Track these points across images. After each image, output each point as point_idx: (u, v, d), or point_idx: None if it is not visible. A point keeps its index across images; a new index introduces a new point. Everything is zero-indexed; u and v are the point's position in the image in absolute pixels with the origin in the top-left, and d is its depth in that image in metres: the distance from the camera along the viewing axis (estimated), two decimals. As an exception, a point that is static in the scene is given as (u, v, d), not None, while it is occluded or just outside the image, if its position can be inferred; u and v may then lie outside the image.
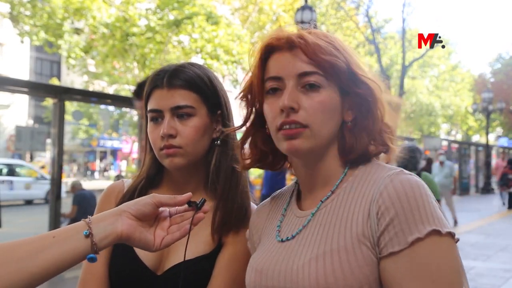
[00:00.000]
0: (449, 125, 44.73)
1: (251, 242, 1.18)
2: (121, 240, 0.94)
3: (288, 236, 1.01)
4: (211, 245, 1.24)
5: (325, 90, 0.96)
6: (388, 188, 0.89)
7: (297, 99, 0.95)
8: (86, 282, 1.24)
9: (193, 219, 1.00)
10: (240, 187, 1.30)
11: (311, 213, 1.00)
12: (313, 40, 0.96)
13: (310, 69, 0.95)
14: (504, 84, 36.84)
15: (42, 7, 14.51)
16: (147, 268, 1.21)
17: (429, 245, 0.84)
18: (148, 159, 1.34)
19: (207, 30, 15.45)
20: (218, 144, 1.30)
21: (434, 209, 0.87)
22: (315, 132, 0.96)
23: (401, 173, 0.92)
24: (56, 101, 7.43)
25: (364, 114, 0.99)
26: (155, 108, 1.25)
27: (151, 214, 0.97)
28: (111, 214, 0.95)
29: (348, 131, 1.00)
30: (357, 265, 0.87)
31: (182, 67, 1.27)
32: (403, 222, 0.85)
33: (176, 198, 0.99)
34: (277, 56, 1.00)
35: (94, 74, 21.56)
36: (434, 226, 0.85)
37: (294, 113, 0.95)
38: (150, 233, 0.97)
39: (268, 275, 0.98)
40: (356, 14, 25.22)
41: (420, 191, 0.88)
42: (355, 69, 0.97)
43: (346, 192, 0.98)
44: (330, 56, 0.95)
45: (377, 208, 0.89)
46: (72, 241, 0.90)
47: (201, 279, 1.21)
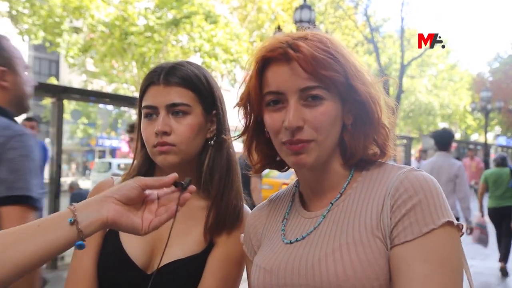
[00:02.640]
0: (447, 124, 44.75)
1: (248, 246, 1.17)
2: (107, 225, 0.93)
3: (297, 237, 1.02)
4: (202, 245, 1.24)
5: (327, 101, 0.97)
6: (404, 182, 0.92)
7: (301, 114, 0.96)
8: (74, 280, 1.23)
9: (180, 199, 1.00)
10: (234, 188, 1.30)
11: (322, 215, 1.01)
12: (310, 52, 0.95)
13: (311, 84, 0.96)
14: (502, 83, 36.85)
15: (41, 6, 14.47)
16: (137, 267, 1.20)
17: (442, 234, 0.88)
18: (139, 155, 1.33)
19: (206, 29, 15.43)
20: (212, 144, 1.29)
21: (446, 202, 0.92)
22: (320, 143, 0.98)
23: (413, 170, 0.96)
24: (55, 100, 7.41)
25: (363, 117, 1.01)
26: (150, 104, 1.24)
27: (137, 197, 0.96)
28: (96, 201, 0.93)
29: (348, 134, 1.02)
30: (373, 257, 0.89)
31: (179, 65, 1.26)
32: (419, 214, 0.88)
33: (161, 180, 0.98)
34: (275, 69, 0.98)
35: (93, 73, 21.51)
36: (448, 218, 0.89)
37: (299, 131, 0.96)
38: (137, 217, 0.96)
39: (279, 274, 0.98)
40: (355, 13, 25.20)
41: (434, 185, 0.92)
42: (353, 79, 0.98)
43: (358, 191, 1.00)
44: (329, 71, 0.95)
45: (392, 202, 0.92)
46: (57, 229, 0.89)
47: (191, 279, 1.20)
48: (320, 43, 0.98)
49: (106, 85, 22.92)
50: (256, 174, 1.17)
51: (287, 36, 1.00)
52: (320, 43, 0.98)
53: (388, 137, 1.04)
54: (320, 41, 0.98)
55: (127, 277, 1.19)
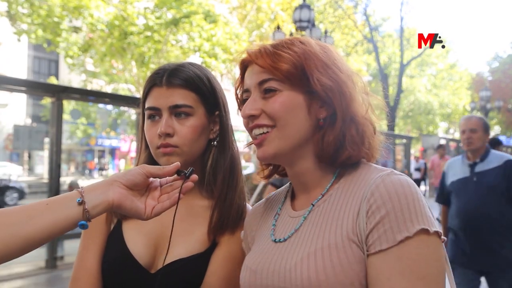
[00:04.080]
0: (447, 123, 44.78)
1: (245, 243, 1.20)
2: (113, 208, 0.97)
3: (281, 238, 1.04)
4: (206, 244, 1.25)
5: (282, 92, 1.01)
6: (380, 187, 0.91)
7: (257, 105, 1.03)
8: (78, 279, 1.24)
9: (182, 188, 1.02)
10: (238, 188, 1.31)
11: (303, 216, 1.03)
12: (264, 49, 1.04)
13: (265, 77, 1.02)
14: (502, 83, 36.88)
15: (40, 5, 14.46)
16: (140, 265, 1.21)
17: (418, 243, 0.86)
18: (143, 157, 1.33)
19: (205, 28, 15.43)
20: (215, 145, 1.30)
21: (424, 208, 0.89)
22: (279, 130, 1.01)
23: (392, 174, 0.94)
24: (54, 100, 7.41)
25: (336, 113, 1.01)
26: (153, 106, 1.25)
27: (142, 184, 1.01)
28: (102, 184, 0.98)
29: (321, 129, 1.03)
30: (347, 262, 0.89)
31: (181, 67, 1.27)
32: (393, 221, 0.87)
33: (164, 169, 1.02)
34: (248, 70, 1.08)
35: (92, 73, 21.52)
36: (422, 225, 0.86)
37: (255, 118, 1.03)
38: (141, 202, 1.01)
39: (263, 275, 1.00)
40: (354, 12, 25.22)
41: (411, 190, 0.90)
42: (313, 72, 1.00)
43: (338, 192, 1.01)
44: (281, 63, 1.01)
45: (367, 207, 0.91)
46: (65, 208, 0.93)
47: (194, 278, 1.21)
48: (283, 42, 1.05)
49: (106, 84, 22.93)
50: (265, 180, 1.20)
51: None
52: (283, 42, 1.05)
53: (364, 136, 1.03)
54: (285, 41, 1.06)
55: (131, 276, 1.20)
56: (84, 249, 1.25)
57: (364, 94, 1.06)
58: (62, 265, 7.08)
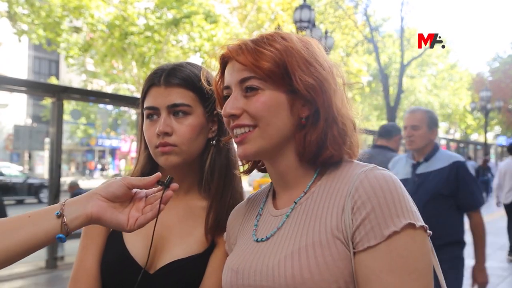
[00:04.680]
0: (447, 123, 44.76)
1: (228, 244, 1.19)
2: (92, 220, 0.97)
3: (262, 237, 1.03)
4: (204, 245, 1.25)
5: (264, 91, 0.99)
6: (364, 183, 0.91)
7: (238, 104, 1.01)
8: (77, 280, 1.24)
9: (162, 197, 1.02)
10: (233, 187, 1.31)
11: (286, 215, 1.02)
12: (245, 46, 1.01)
13: (246, 75, 1.00)
14: (502, 83, 36.88)
15: (40, 6, 14.46)
16: (139, 266, 1.21)
17: (405, 238, 0.86)
18: (142, 157, 1.33)
19: (206, 29, 15.44)
20: (214, 144, 1.30)
21: (408, 202, 0.89)
22: (261, 130, 0.99)
23: (375, 169, 0.94)
24: (55, 100, 7.41)
25: (318, 111, 1.00)
26: (152, 106, 1.25)
27: (123, 195, 1.01)
28: (83, 197, 0.99)
29: (302, 128, 1.01)
30: (332, 259, 0.88)
31: (180, 66, 1.27)
32: (379, 216, 0.87)
33: (145, 179, 1.02)
34: (228, 66, 1.05)
35: (93, 73, 21.53)
36: (409, 220, 0.87)
37: (237, 118, 1.01)
38: (123, 214, 1.00)
39: (244, 275, 0.99)
40: (355, 12, 25.21)
41: (395, 185, 0.90)
42: (295, 70, 0.98)
43: (321, 190, 1.00)
44: (262, 61, 0.98)
45: (352, 203, 0.90)
46: (45, 220, 0.94)
47: (193, 279, 1.21)
48: (263, 38, 1.02)
49: (106, 85, 22.93)
50: (245, 175, 1.19)
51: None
52: (263, 38, 1.02)
53: (345, 135, 1.02)
54: (266, 37, 1.03)
55: (130, 277, 1.20)
56: (84, 250, 1.25)
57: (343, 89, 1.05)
58: (62, 265, 7.08)
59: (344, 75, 1.07)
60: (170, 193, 1.03)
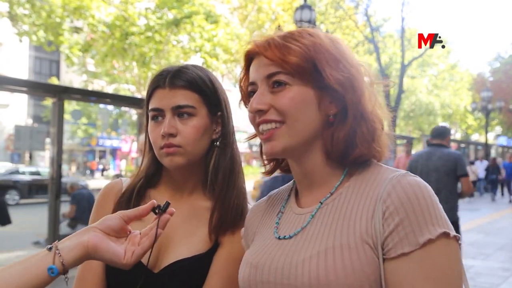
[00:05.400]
0: (448, 124, 44.74)
1: (245, 240, 1.18)
2: (88, 251, 0.97)
3: (285, 235, 1.01)
4: (208, 244, 1.26)
5: (292, 87, 0.97)
6: (397, 188, 0.88)
7: (265, 100, 0.98)
8: (83, 279, 1.25)
9: (160, 222, 1.03)
10: (237, 188, 1.31)
11: (311, 214, 1.00)
12: (273, 41, 0.99)
13: (274, 70, 0.98)
14: (503, 83, 36.85)
15: (41, 6, 14.47)
16: (143, 265, 1.21)
17: (440, 247, 0.85)
18: (147, 158, 1.34)
19: (206, 29, 15.44)
20: (218, 145, 1.31)
21: (441, 211, 0.88)
22: (289, 127, 0.97)
23: (408, 175, 0.92)
24: (55, 100, 7.42)
25: (346, 109, 0.98)
26: (157, 107, 1.26)
27: (119, 228, 1.01)
28: (79, 232, 0.99)
29: (330, 126, 1.00)
30: (359, 264, 0.86)
31: (184, 68, 1.29)
32: (414, 223, 0.85)
33: (139, 209, 1.02)
34: (254, 62, 1.04)
35: (93, 73, 21.55)
36: (444, 229, 0.85)
37: (263, 113, 0.99)
38: (120, 248, 1.00)
39: (264, 270, 0.97)
40: (355, 13, 25.20)
41: (429, 193, 0.88)
42: (324, 66, 0.97)
43: (349, 191, 0.97)
44: (290, 56, 0.97)
45: (384, 208, 0.88)
46: (37, 258, 0.94)
47: (197, 278, 1.22)
48: (291, 34, 1.01)
49: (107, 85, 22.95)
50: (266, 175, 1.18)
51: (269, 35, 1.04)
52: (291, 34, 1.01)
53: (374, 133, 0.99)
54: (293, 33, 1.01)
55: (134, 276, 1.20)
56: None
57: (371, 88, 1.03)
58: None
59: (372, 74, 1.05)
60: (167, 217, 1.04)
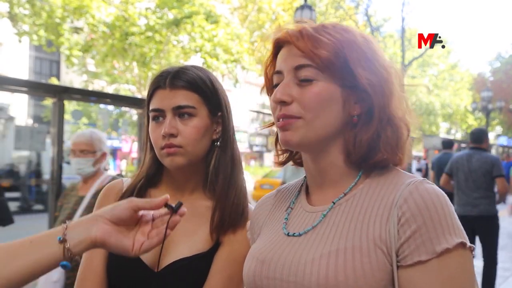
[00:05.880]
0: (448, 124, 44.75)
1: (251, 233, 1.17)
2: (96, 245, 0.95)
3: (295, 232, 0.99)
4: (209, 244, 1.26)
5: (319, 82, 0.94)
6: (414, 194, 0.87)
7: (290, 91, 0.95)
8: (84, 279, 1.26)
9: (169, 223, 1.01)
10: (237, 187, 1.32)
11: (323, 214, 0.97)
12: (306, 32, 0.96)
13: (303, 62, 0.95)
14: (503, 83, 36.83)
15: (41, 6, 14.48)
16: (145, 264, 1.22)
17: (457, 258, 0.84)
18: (148, 158, 1.35)
19: (207, 29, 15.44)
20: (218, 145, 1.31)
21: (458, 220, 0.87)
22: (308, 122, 0.94)
23: (425, 182, 0.90)
24: (55, 100, 7.42)
25: (371, 110, 0.96)
26: (157, 108, 1.27)
27: (129, 219, 0.98)
28: (87, 220, 0.96)
29: (353, 127, 0.97)
30: (370, 268, 0.85)
31: (184, 69, 1.29)
32: (431, 231, 0.83)
33: (152, 202, 0.99)
34: (283, 51, 1.00)
35: (94, 73, 21.54)
36: (460, 239, 0.84)
37: (286, 105, 0.95)
38: (128, 238, 0.98)
39: (271, 266, 0.95)
40: (356, 13, 25.20)
41: (446, 201, 0.87)
42: (355, 64, 0.94)
43: (363, 193, 0.95)
44: (322, 50, 0.93)
45: (400, 214, 0.86)
46: (47, 247, 0.91)
47: (198, 277, 1.22)
48: (324, 27, 0.97)
49: (107, 85, 22.95)
50: (277, 166, 1.15)
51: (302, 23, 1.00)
52: (324, 26, 0.98)
53: (399, 139, 0.96)
54: (326, 25, 0.98)
55: (135, 274, 1.21)
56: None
57: (402, 93, 0.99)
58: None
59: (402, 77, 1.02)
60: (178, 219, 1.02)
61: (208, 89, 1.29)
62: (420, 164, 19.30)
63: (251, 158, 33.38)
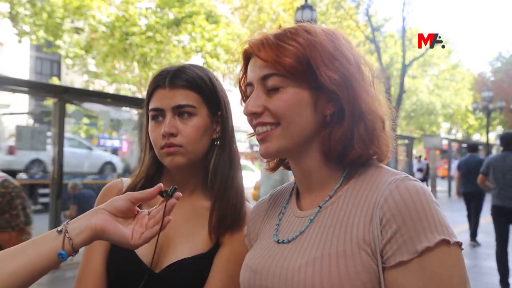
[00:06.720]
0: (449, 124, 44.72)
1: (248, 238, 1.18)
2: (97, 233, 0.97)
3: (284, 239, 1.00)
4: (209, 245, 1.26)
5: (287, 89, 0.96)
6: (394, 194, 0.86)
7: (260, 102, 0.98)
8: (83, 280, 1.25)
9: (167, 206, 1.02)
10: (235, 187, 1.31)
11: (309, 219, 0.98)
12: (266, 41, 0.97)
13: (267, 71, 0.97)
14: (504, 83, 36.81)
15: (42, 6, 14.49)
16: (144, 265, 1.22)
17: (439, 255, 0.83)
18: (147, 158, 1.34)
19: (207, 29, 15.44)
20: (218, 144, 1.31)
21: (442, 217, 0.85)
22: (284, 129, 0.96)
23: (407, 179, 0.89)
24: (56, 100, 7.43)
25: (342, 107, 0.96)
26: (157, 107, 1.26)
27: (127, 210, 1.01)
28: (87, 213, 1.00)
29: (327, 126, 0.97)
30: (355, 271, 0.85)
31: (184, 68, 1.29)
32: (412, 230, 0.83)
33: (147, 191, 1.01)
34: (250, 62, 1.02)
35: (94, 73, 21.54)
36: (443, 236, 0.83)
37: (258, 116, 0.98)
38: (127, 229, 1.00)
39: (262, 275, 0.97)
40: (356, 13, 25.19)
41: (427, 198, 0.86)
42: (319, 66, 0.94)
43: (348, 195, 0.95)
44: (283, 57, 0.94)
45: (381, 214, 0.86)
46: (48, 240, 0.94)
47: (198, 278, 1.22)
48: (287, 32, 0.98)
49: (108, 85, 22.95)
50: (270, 172, 1.16)
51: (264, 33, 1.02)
52: (287, 32, 0.98)
53: (373, 133, 0.96)
54: (289, 31, 0.98)
55: (134, 275, 1.21)
56: (90, 250, 1.26)
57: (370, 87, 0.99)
58: (65, 265, 7.08)
59: (373, 68, 1.02)
60: (174, 201, 1.03)
61: (208, 88, 1.28)
62: (421, 164, 19.29)
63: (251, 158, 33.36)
